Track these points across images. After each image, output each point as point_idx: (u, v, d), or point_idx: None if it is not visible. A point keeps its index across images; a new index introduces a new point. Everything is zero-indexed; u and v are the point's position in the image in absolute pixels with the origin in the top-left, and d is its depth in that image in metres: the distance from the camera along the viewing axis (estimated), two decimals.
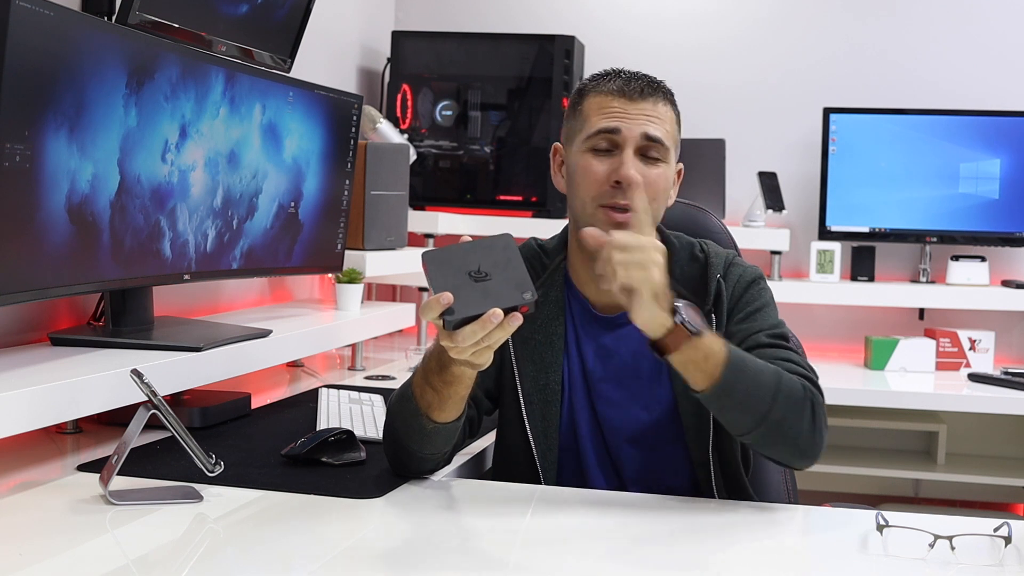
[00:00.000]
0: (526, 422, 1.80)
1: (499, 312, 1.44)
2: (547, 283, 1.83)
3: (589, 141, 1.74)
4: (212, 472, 1.58)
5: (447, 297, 1.43)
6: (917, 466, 3.48)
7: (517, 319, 1.46)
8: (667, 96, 1.78)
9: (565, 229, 1.88)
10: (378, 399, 2.28)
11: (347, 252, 2.65)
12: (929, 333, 3.57)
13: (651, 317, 1.53)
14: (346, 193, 2.59)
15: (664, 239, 1.83)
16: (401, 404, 1.67)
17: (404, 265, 2.97)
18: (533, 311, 1.49)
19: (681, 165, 1.83)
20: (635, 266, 1.52)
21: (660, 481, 1.80)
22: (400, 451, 1.70)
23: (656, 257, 1.53)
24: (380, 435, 1.95)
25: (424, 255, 1.48)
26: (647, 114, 1.73)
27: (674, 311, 1.54)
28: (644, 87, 1.75)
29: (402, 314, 2.97)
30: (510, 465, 1.85)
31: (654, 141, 1.72)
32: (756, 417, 1.59)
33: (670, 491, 1.77)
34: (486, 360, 1.51)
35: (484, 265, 1.48)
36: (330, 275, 2.79)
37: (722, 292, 1.77)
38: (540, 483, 1.80)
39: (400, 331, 3.46)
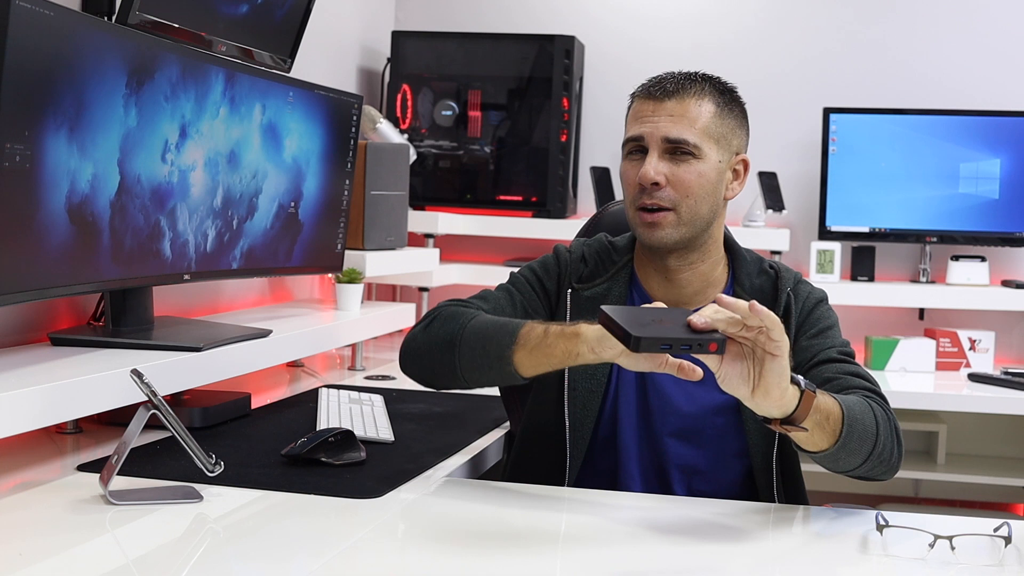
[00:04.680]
0: (566, 407, 1.81)
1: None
2: (612, 278, 1.86)
3: (625, 148, 1.81)
4: (212, 472, 1.58)
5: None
6: (917, 466, 3.48)
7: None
8: (702, 91, 1.78)
9: None
10: (378, 399, 2.28)
11: (347, 252, 2.65)
12: (929, 333, 3.57)
13: (781, 393, 1.47)
14: (346, 193, 2.59)
15: (732, 250, 1.87)
16: (489, 344, 1.70)
17: (404, 265, 2.97)
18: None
19: (744, 156, 1.84)
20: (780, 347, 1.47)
21: (706, 479, 1.81)
22: (444, 368, 1.76)
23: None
24: (380, 435, 1.96)
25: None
26: (670, 114, 1.76)
27: (792, 380, 1.49)
28: (673, 86, 1.77)
29: (402, 314, 2.97)
30: (536, 449, 1.86)
31: (675, 142, 1.75)
32: (865, 455, 1.61)
33: (716, 488, 1.79)
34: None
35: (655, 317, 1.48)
36: (330, 275, 2.79)
37: (791, 306, 1.80)
38: (566, 469, 1.81)
39: (400, 331, 3.46)
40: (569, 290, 1.86)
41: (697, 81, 1.79)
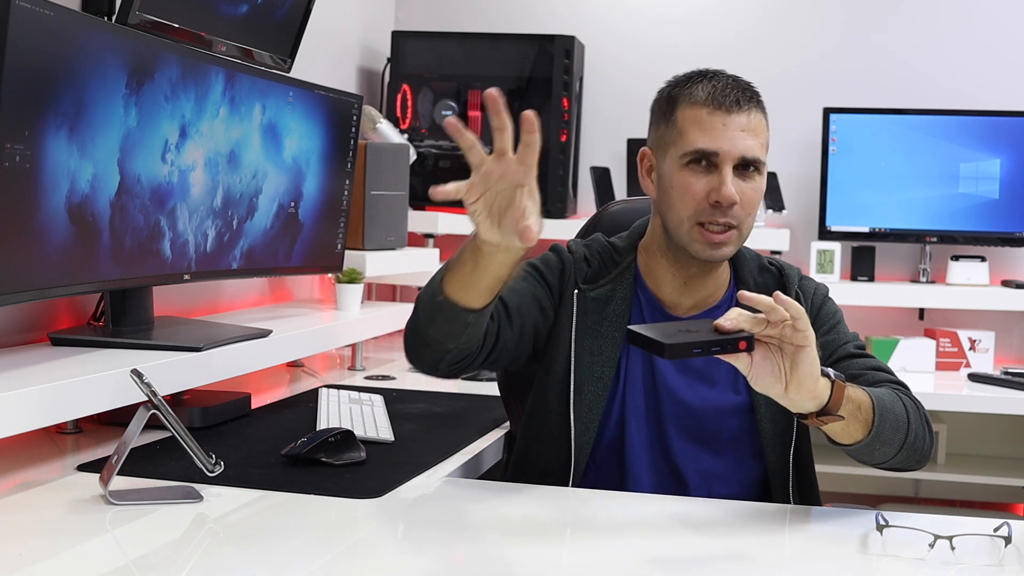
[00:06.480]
0: (571, 410, 1.79)
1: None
2: (616, 280, 1.83)
3: (686, 157, 1.72)
4: (212, 472, 1.58)
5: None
6: None
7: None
8: (759, 102, 1.75)
9: (635, 228, 1.88)
10: (378, 399, 2.28)
11: (347, 252, 2.64)
12: (929, 333, 3.57)
13: (814, 383, 1.48)
14: (346, 193, 2.59)
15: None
16: (427, 289, 1.63)
17: (404, 265, 2.97)
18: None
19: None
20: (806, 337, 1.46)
21: (725, 482, 1.80)
22: (418, 339, 1.66)
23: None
24: (380, 435, 1.96)
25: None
26: (742, 129, 1.71)
27: (821, 371, 1.50)
28: (739, 96, 1.72)
29: (402, 314, 2.95)
30: (538, 451, 1.84)
31: (751, 161, 1.72)
32: (899, 444, 1.61)
33: (737, 491, 1.78)
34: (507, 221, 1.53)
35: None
36: (330, 275, 2.79)
37: (800, 302, 1.77)
38: (569, 472, 1.79)
39: (400, 331, 3.46)
40: (576, 291, 1.83)
41: (751, 90, 1.75)
